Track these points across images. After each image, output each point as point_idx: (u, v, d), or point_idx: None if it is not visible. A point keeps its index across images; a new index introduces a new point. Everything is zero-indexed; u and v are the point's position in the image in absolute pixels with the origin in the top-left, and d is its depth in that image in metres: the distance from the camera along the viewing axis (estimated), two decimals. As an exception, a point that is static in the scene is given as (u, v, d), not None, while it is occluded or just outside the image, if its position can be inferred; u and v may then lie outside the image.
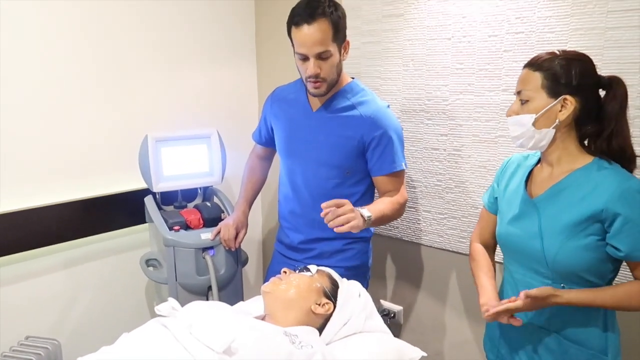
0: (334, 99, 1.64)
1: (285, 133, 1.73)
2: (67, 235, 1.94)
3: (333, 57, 1.51)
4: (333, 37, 1.48)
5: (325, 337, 1.31)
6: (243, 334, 1.14)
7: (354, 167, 1.64)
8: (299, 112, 1.70)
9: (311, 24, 1.45)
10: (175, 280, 1.87)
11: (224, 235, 1.85)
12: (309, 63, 1.50)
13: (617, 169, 1.20)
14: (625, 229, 1.14)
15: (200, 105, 2.32)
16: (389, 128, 1.60)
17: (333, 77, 1.56)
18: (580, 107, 1.19)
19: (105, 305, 2.11)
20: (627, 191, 1.14)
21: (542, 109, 1.20)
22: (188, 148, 2.00)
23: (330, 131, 1.63)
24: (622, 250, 1.15)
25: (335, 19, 1.48)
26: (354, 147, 1.61)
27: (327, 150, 1.63)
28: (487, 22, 1.75)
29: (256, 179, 1.96)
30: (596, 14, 1.53)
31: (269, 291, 1.35)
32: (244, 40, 2.48)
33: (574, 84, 1.18)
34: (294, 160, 1.72)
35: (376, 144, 1.60)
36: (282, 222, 1.85)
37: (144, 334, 1.21)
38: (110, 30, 1.98)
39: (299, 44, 1.49)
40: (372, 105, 1.62)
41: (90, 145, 1.98)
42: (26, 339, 1.82)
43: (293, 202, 1.76)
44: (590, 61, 1.21)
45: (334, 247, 1.72)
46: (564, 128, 1.22)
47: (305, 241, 1.75)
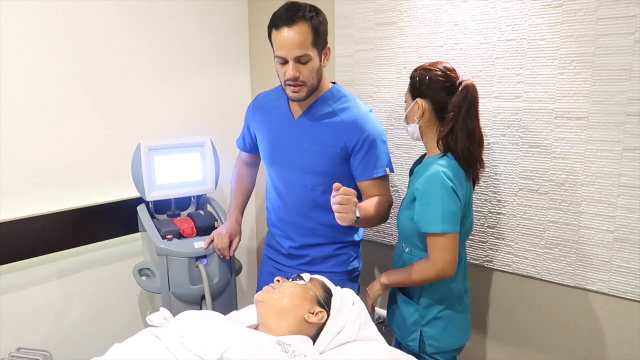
0: (315, 105, 1.63)
1: (268, 141, 1.73)
2: (59, 245, 1.92)
3: (312, 61, 1.51)
4: (313, 41, 1.48)
5: (319, 346, 1.30)
6: (235, 344, 1.13)
7: (339, 173, 1.63)
8: (281, 120, 1.69)
9: (291, 27, 1.45)
10: (169, 290, 1.85)
11: (218, 244, 1.85)
12: (288, 66, 1.50)
13: (441, 160, 1.45)
14: (418, 203, 1.44)
15: (194, 114, 2.31)
16: (371, 133, 1.59)
17: (312, 82, 1.55)
18: (432, 107, 1.48)
19: (97, 316, 2.09)
20: (431, 175, 1.41)
21: (408, 108, 1.54)
22: (181, 156, 1.99)
23: (313, 139, 1.62)
24: (414, 220, 1.45)
25: (315, 23, 1.48)
26: (337, 154, 1.61)
27: (311, 157, 1.63)
28: (478, 30, 1.76)
29: (245, 185, 1.95)
30: (586, 21, 1.55)
31: (262, 300, 1.34)
32: (237, 48, 2.48)
33: (424, 89, 1.48)
34: (279, 168, 1.72)
35: (359, 149, 1.59)
36: (272, 228, 1.85)
37: (135, 344, 1.20)
38: (102, 39, 1.98)
39: (278, 46, 1.49)
40: (353, 111, 1.61)
41: (82, 154, 1.97)
42: (17, 351, 1.79)
43: (281, 209, 1.76)
44: (443, 70, 1.47)
45: (325, 252, 1.73)
46: (426, 123, 1.51)
47: (297, 247, 1.75)
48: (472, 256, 1.91)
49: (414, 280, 1.48)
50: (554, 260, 1.72)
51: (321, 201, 1.64)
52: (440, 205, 1.39)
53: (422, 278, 1.46)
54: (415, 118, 1.50)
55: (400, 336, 1.60)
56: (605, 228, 1.61)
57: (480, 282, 1.92)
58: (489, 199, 1.83)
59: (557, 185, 1.68)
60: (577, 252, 1.67)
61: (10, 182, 1.80)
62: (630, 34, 1.48)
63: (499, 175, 1.80)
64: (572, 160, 1.64)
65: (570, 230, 1.67)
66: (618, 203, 1.57)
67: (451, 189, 1.40)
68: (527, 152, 1.72)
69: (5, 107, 1.76)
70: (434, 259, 1.42)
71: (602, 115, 1.56)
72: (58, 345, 1.97)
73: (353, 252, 1.78)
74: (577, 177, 1.64)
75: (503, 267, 1.84)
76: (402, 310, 1.57)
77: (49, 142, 1.88)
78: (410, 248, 1.54)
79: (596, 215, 1.62)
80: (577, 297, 1.70)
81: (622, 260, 1.59)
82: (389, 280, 1.55)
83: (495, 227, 1.84)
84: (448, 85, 1.45)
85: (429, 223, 1.40)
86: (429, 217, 1.40)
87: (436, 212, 1.39)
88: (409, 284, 1.51)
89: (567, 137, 1.64)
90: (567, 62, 1.60)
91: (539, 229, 1.74)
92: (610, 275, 1.62)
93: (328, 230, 1.71)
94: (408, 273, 1.49)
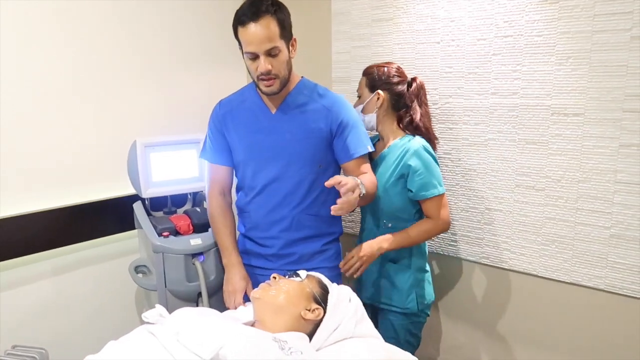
0: (291, 96, 1.65)
1: (247, 141, 1.69)
2: (55, 242, 1.92)
3: (282, 53, 1.53)
4: (280, 33, 1.50)
5: (315, 343, 1.30)
6: (231, 341, 1.12)
7: (325, 159, 1.66)
8: (258, 117, 1.68)
9: (257, 22, 1.47)
10: (165, 287, 1.85)
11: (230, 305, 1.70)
12: (260, 61, 1.51)
13: (415, 139, 1.70)
14: (413, 176, 1.65)
15: (190, 111, 2.30)
16: (351, 115, 1.65)
17: (284, 73, 1.56)
18: (389, 98, 1.73)
19: (94, 313, 2.08)
20: (417, 151, 1.66)
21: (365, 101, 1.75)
22: (177, 153, 1.98)
23: (296, 127, 1.63)
24: (412, 191, 1.66)
25: (280, 16, 1.51)
26: (323, 139, 1.63)
27: (297, 146, 1.63)
28: (475, 26, 1.76)
29: (229, 221, 1.77)
30: (583, 17, 1.54)
31: (259, 297, 1.34)
32: (232, 44, 2.46)
33: (382, 82, 1.73)
34: (262, 165, 1.68)
35: (342, 130, 1.63)
36: (251, 232, 1.75)
37: (131, 341, 1.19)
38: (98, 37, 1.96)
39: (247, 42, 1.51)
40: (331, 96, 1.66)
41: (78, 151, 1.96)
42: (13, 348, 1.78)
43: (262, 209, 1.70)
44: (397, 68, 1.75)
45: (312, 248, 1.71)
46: (384, 113, 1.75)
47: (285, 245, 1.70)
48: (469, 253, 1.91)
49: (415, 241, 1.70)
50: (550, 256, 1.72)
51: (309, 191, 1.65)
52: (434, 172, 1.66)
53: (427, 236, 1.71)
54: (375, 108, 1.74)
55: (397, 303, 1.75)
56: (601, 224, 1.61)
57: (477, 279, 1.92)
58: (486, 196, 1.83)
59: (554, 182, 1.68)
60: (574, 248, 1.67)
61: (4, 180, 1.79)
62: (626, 30, 1.48)
63: (496, 172, 1.80)
64: (569, 156, 1.64)
65: (566, 227, 1.67)
66: (614, 199, 1.57)
67: (434, 157, 1.68)
68: (523, 148, 1.72)
69: (1, 105, 1.75)
70: (442, 217, 1.68)
71: (599, 112, 1.56)
72: (54, 342, 1.96)
73: (339, 246, 1.78)
74: (573, 173, 1.64)
75: (500, 263, 1.85)
76: (398, 279, 1.75)
77: (45, 139, 1.87)
78: (392, 223, 1.73)
79: (593, 211, 1.62)
80: (574, 293, 1.70)
81: (618, 256, 1.59)
82: (390, 245, 1.67)
83: (491, 224, 1.84)
84: (402, 80, 1.73)
85: (432, 188, 1.65)
86: (430, 184, 1.65)
87: (433, 178, 1.65)
88: (408, 244, 1.70)
89: (563, 133, 1.64)
90: (563, 58, 1.60)
91: (536, 225, 1.74)
92: (606, 272, 1.62)
93: (314, 221, 1.69)
94: (408, 235, 1.68)
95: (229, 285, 1.70)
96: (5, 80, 1.76)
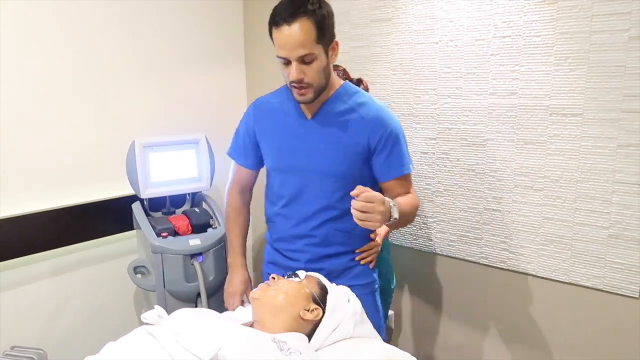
0: (330, 103, 1.49)
1: (278, 146, 1.56)
2: (54, 243, 1.92)
3: (318, 60, 1.38)
4: (317, 38, 1.35)
5: (314, 343, 1.30)
6: (230, 341, 1.12)
7: (360, 174, 1.49)
8: (292, 122, 1.53)
9: (292, 24, 1.32)
10: (164, 288, 1.85)
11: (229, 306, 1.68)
12: (292, 67, 1.37)
13: None
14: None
15: (189, 111, 2.30)
16: (394, 128, 1.47)
17: (320, 82, 1.41)
18: None
19: (92, 314, 2.08)
20: None
21: None
22: (176, 154, 1.98)
23: (332, 138, 1.48)
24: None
25: (319, 17, 1.34)
26: (359, 153, 1.47)
27: (330, 159, 1.48)
28: (474, 26, 1.76)
29: (242, 221, 1.72)
30: (581, 18, 1.55)
31: (258, 297, 1.34)
32: (232, 45, 2.47)
33: None
34: (292, 174, 1.54)
35: (382, 146, 1.47)
36: (277, 244, 1.63)
37: (130, 342, 1.19)
38: (98, 37, 1.96)
39: (279, 46, 1.36)
40: (372, 106, 1.49)
41: (78, 151, 1.96)
42: (12, 349, 1.79)
43: (291, 220, 1.57)
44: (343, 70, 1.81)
45: (342, 264, 1.56)
46: None
47: (312, 260, 1.56)
48: (467, 253, 1.91)
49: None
50: (549, 256, 1.73)
51: (339, 207, 1.50)
52: None
53: None
54: None
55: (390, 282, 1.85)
56: (600, 224, 1.61)
57: (476, 279, 1.92)
58: (484, 196, 1.84)
59: (552, 182, 1.68)
60: (572, 248, 1.67)
61: (4, 180, 1.79)
62: (624, 30, 1.48)
63: (494, 172, 1.80)
64: (567, 156, 1.64)
65: (565, 227, 1.68)
66: (613, 199, 1.58)
67: None
68: (522, 148, 1.73)
69: (0, 105, 1.75)
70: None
71: (597, 112, 1.56)
72: (53, 343, 1.96)
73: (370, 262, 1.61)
74: (572, 173, 1.64)
75: (498, 263, 1.85)
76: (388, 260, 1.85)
77: (45, 139, 1.87)
78: None
79: (591, 211, 1.62)
80: (572, 293, 1.70)
81: (616, 256, 1.60)
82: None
83: (490, 224, 1.84)
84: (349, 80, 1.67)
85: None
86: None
87: None
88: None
89: (562, 133, 1.64)
90: (562, 58, 1.60)
91: (534, 225, 1.74)
92: (604, 272, 1.62)
93: (345, 238, 1.55)
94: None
95: (230, 286, 1.68)
96: (5, 80, 1.76)
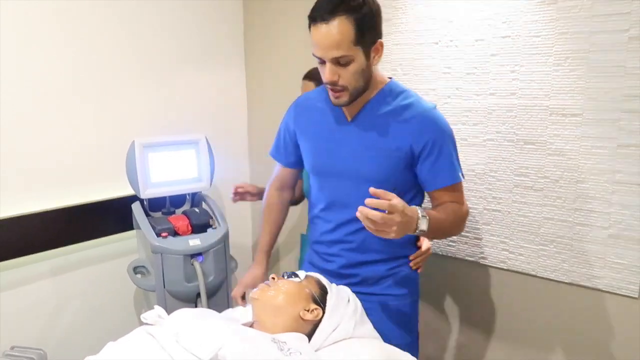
0: (372, 104, 1.39)
1: (316, 148, 1.48)
2: (53, 243, 1.92)
3: (355, 62, 1.28)
4: (356, 39, 1.25)
5: (314, 344, 1.30)
6: (230, 342, 1.12)
7: (402, 182, 1.39)
8: (331, 122, 1.45)
9: (329, 23, 1.23)
10: (164, 288, 1.85)
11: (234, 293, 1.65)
12: (326, 68, 1.29)
13: None
14: None
15: (188, 111, 2.30)
16: (441, 133, 1.36)
17: (357, 85, 1.32)
18: None
19: (92, 314, 2.08)
20: None
21: None
22: (176, 154, 1.98)
23: (371, 143, 1.38)
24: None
25: (359, 16, 1.24)
26: (401, 159, 1.37)
27: (370, 164, 1.39)
28: (474, 27, 1.76)
29: (274, 218, 1.67)
30: (581, 18, 1.55)
31: (257, 298, 1.34)
32: (232, 44, 2.47)
33: None
34: (329, 178, 1.47)
35: (428, 152, 1.35)
36: (316, 246, 1.58)
37: (130, 343, 1.19)
38: (98, 37, 1.96)
39: (314, 44, 1.28)
40: (418, 108, 1.37)
41: (78, 151, 1.96)
42: (11, 349, 1.78)
43: (330, 224, 1.50)
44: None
45: (378, 272, 1.49)
46: None
47: (347, 266, 1.50)
48: (467, 253, 1.91)
49: None
50: (549, 257, 1.73)
51: None
52: None
53: None
54: None
55: None
56: (600, 224, 1.61)
57: (476, 279, 1.92)
58: (484, 196, 1.84)
59: (552, 182, 1.68)
60: (572, 248, 1.67)
61: (4, 180, 1.79)
62: (624, 30, 1.48)
63: (494, 172, 1.80)
64: (567, 157, 1.64)
65: (565, 227, 1.68)
66: (613, 199, 1.58)
67: None
68: (522, 148, 1.73)
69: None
70: None
71: (597, 112, 1.56)
72: (53, 343, 1.96)
73: (411, 271, 1.52)
74: (571, 173, 1.64)
75: (498, 263, 1.85)
76: None
77: (45, 139, 1.87)
78: None
79: (591, 211, 1.62)
80: (572, 293, 1.71)
81: (616, 256, 1.60)
82: None
83: (490, 224, 1.84)
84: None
85: None
86: None
87: None
88: None
89: (561, 133, 1.64)
90: (561, 59, 1.60)
91: (534, 225, 1.74)
92: (605, 272, 1.62)
93: (383, 245, 1.44)
94: None
95: (243, 278, 1.65)
96: (5, 80, 1.76)
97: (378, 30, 1.31)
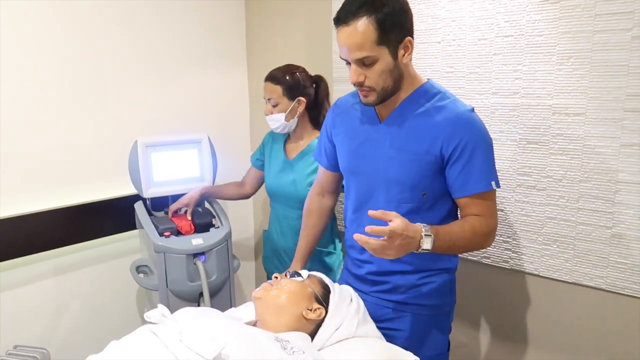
0: (405, 105, 1.37)
1: (348, 149, 1.47)
2: (56, 243, 1.92)
3: (381, 62, 1.26)
4: (379, 39, 1.23)
5: (317, 343, 1.30)
6: (234, 340, 1.12)
7: (432, 187, 1.36)
8: (364, 124, 1.44)
9: (350, 24, 1.23)
10: (166, 287, 1.85)
11: None
12: (351, 69, 1.29)
13: None
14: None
15: (191, 110, 2.31)
16: (474, 136, 1.30)
17: (384, 85, 1.30)
18: (308, 100, 1.88)
19: (95, 313, 2.08)
20: None
21: (287, 109, 1.86)
22: (178, 153, 1.98)
23: (402, 145, 1.36)
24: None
25: (382, 16, 1.22)
26: (431, 163, 1.33)
27: (399, 167, 1.36)
28: (476, 26, 1.76)
29: (312, 224, 1.66)
30: (584, 17, 1.54)
31: (260, 297, 1.34)
32: (234, 44, 2.48)
33: (301, 88, 1.86)
34: (360, 181, 1.45)
35: (458, 156, 1.30)
36: (349, 250, 1.56)
37: (133, 341, 1.19)
38: (100, 37, 1.97)
39: (339, 45, 1.28)
40: (452, 110, 1.32)
41: (79, 151, 1.96)
42: (14, 348, 1.79)
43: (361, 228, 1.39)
44: (302, 70, 1.91)
45: (409, 280, 1.44)
46: (301, 114, 1.89)
47: (377, 273, 1.48)
48: (470, 252, 1.91)
49: None
50: (551, 256, 1.73)
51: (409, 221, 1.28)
52: None
53: None
54: (297, 114, 1.87)
55: None
56: (603, 224, 1.61)
57: (478, 279, 1.92)
58: (487, 196, 1.83)
59: (555, 182, 1.68)
60: (575, 248, 1.67)
61: (6, 180, 1.79)
62: (627, 29, 1.48)
63: (497, 172, 1.79)
64: (570, 156, 1.64)
65: (568, 227, 1.67)
66: (616, 199, 1.58)
67: None
68: (525, 148, 1.72)
69: (1, 105, 1.75)
70: None
71: (600, 112, 1.56)
72: (56, 342, 1.97)
73: (444, 282, 1.47)
74: (574, 173, 1.64)
75: (501, 263, 1.85)
76: None
77: (45, 139, 1.87)
78: None
79: (594, 211, 1.62)
80: (575, 293, 1.70)
81: (619, 256, 1.59)
82: None
83: (493, 224, 1.84)
84: (311, 82, 1.90)
85: None
86: None
87: None
88: None
89: (564, 133, 1.64)
90: (564, 58, 1.60)
91: (537, 225, 1.74)
92: (607, 272, 1.62)
93: (414, 257, 1.36)
94: None
95: None
96: (5, 80, 1.76)
97: (405, 28, 1.28)
